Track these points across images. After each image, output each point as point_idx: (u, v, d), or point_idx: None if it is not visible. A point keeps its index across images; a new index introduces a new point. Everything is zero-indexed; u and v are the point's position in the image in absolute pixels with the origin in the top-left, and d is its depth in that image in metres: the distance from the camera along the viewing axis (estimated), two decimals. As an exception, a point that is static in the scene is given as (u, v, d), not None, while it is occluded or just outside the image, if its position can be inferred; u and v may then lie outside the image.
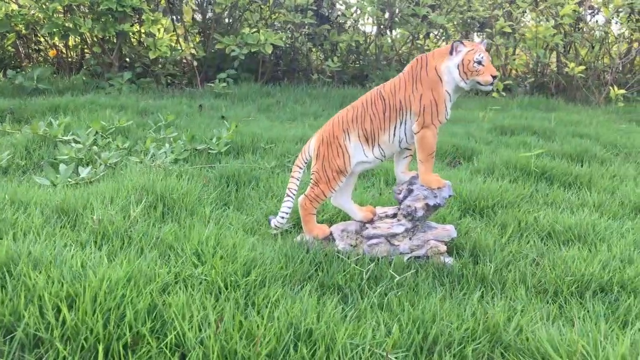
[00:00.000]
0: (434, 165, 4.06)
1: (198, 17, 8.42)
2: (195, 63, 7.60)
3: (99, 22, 6.88)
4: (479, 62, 2.32)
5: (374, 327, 1.72)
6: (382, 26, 8.77)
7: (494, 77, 2.33)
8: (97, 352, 1.41)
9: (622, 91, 7.74)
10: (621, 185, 3.62)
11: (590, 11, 8.73)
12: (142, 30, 7.65)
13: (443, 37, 8.71)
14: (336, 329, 1.61)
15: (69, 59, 8.16)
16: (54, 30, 6.95)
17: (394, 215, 2.61)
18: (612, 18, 8.62)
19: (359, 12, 8.25)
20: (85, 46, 7.86)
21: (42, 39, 8.26)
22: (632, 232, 2.78)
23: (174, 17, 7.83)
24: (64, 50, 8.14)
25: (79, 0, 6.74)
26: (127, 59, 7.77)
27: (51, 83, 6.76)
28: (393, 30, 8.94)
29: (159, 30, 8.42)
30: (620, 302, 2.05)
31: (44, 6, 6.78)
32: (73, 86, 6.85)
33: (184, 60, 8.20)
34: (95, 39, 7.37)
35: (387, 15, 8.67)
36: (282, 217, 2.57)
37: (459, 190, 3.26)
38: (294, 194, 2.58)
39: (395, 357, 1.57)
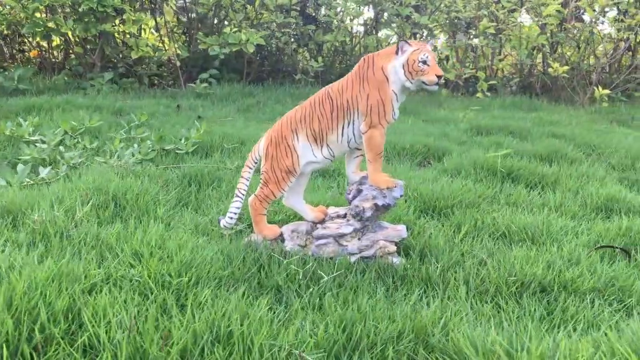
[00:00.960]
0: (403, 165, 4.07)
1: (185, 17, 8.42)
2: (178, 63, 7.59)
3: (80, 22, 6.87)
4: (424, 62, 2.31)
5: (299, 328, 1.71)
6: (368, 26, 8.77)
7: (439, 77, 2.32)
8: (2, 354, 1.40)
9: (607, 91, 7.74)
10: (586, 185, 3.61)
11: (576, 12, 8.72)
12: (126, 31, 7.64)
13: (428, 38, 8.70)
14: (256, 330, 1.60)
15: (53, 59, 8.15)
16: (36, 30, 6.96)
17: (345, 216, 2.60)
18: (598, 18, 8.62)
19: (343, 12, 8.23)
20: (69, 46, 7.85)
21: (26, 40, 8.26)
22: (586, 233, 2.78)
23: (156, 17, 7.81)
24: (48, 51, 8.13)
25: (61, 0, 6.73)
26: (114, 59, 7.76)
27: (32, 83, 6.76)
28: (380, 31, 8.93)
29: (144, 30, 8.43)
30: (558, 302, 2.04)
31: (25, 8, 6.77)
32: (54, 86, 6.85)
33: (171, 61, 8.20)
34: (77, 39, 7.37)
35: (372, 15, 8.68)
36: (231, 218, 2.56)
37: (419, 190, 3.25)
38: (243, 194, 2.57)
39: (313, 358, 1.56)
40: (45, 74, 7.54)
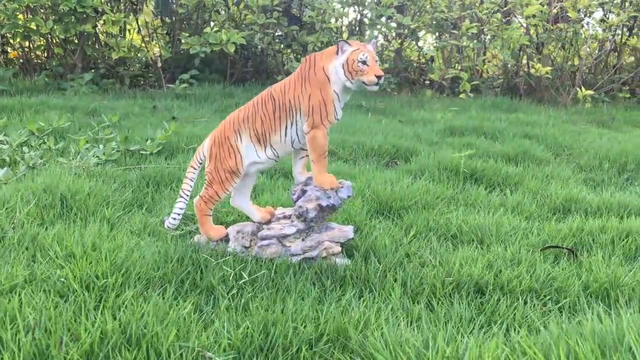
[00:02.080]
0: (369, 166, 4.06)
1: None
2: (159, 64, 7.58)
3: (60, 23, 6.86)
4: (364, 62, 2.30)
5: (217, 329, 1.70)
6: (352, 27, 8.76)
7: (379, 77, 2.31)
8: None
9: (589, 92, 7.73)
10: (548, 186, 3.60)
11: (562, 12, 8.70)
12: (107, 31, 7.63)
13: (412, 38, 8.69)
14: (166, 331, 1.59)
15: (35, 60, 8.14)
16: (16, 31, 6.97)
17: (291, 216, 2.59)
18: (582, 19, 8.61)
19: (325, 13, 8.22)
20: (50, 47, 7.84)
21: (11, 41, 8.25)
22: (537, 233, 2.77)
23: (137, 18, 7.80)
24: (30, 51, 8.12)
25: (40, 1, 6.73)
26: (99, 60, 7.73)
27: (12, 84, 6.75)
28: (365, 32, 8.91)
29: (128, 31, 8.42)
30: (491, 303, 2.03)
31: (5, 9, 6.76)
32: (34, 87, 6.84)
33: (154, 62, 8.18)
34: (57, 40, 7.36)
35: (355, 15, 8.68)
36: (174, 218, 2.55)
37: (377, 191, 3.24)
38: (187, 195, 2.57)
39: (221, 358, 1.55)
40: (25, 75, 7.53)
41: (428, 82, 9.30)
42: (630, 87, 8.95)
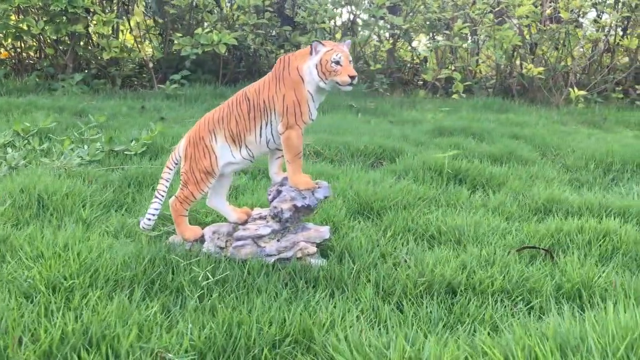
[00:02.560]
0: (354, 166, 4.05)
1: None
2: (151, 64, 7.58)
3: (52, 24, 6.86)
4: (337, 62, 2.30)
5: (180, 330, 1.69)
6: (345, 27, 8.76)
7: (352, 78, 2.31)
8: None
9: (582, 92, 7.73)
10: (532, 187, 3.59)
11: (555, 13, 8.69)
12: (98, 32, 7.62)
13: (405, 39, 8.69)
14: (128, 332, 1.59)
15: (27, 61, 8.13)
16: (7, 31, 6.97)
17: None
18: (576, 19, 8.61)
19: (316, 13, 8.21)
20: (42, 47, 7.84)
21: (2, 41, 8.24)
22: (515, 234, 2.76)
23: (129, 18, 7.80)
24: (22, 52, 8.11)
25: (32, 2, 6.73)
26: (92, 61, 7.72)
27: (2, 84, 6.75)
28: (359, 33, 8.91)
29: (122, 31, 8.42)
30: (461, 303, 2.03)
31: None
32: (25, 87, 6.84)
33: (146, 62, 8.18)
34: (49, 40, 7.36)
35: (348, 16, 8.69)
36: (149, 219, 2.55)
37: (359, 191, 3.24)
38: (162, 196, 2.56)
39: (179, 359, 1.55)
40: (17, 75, 7.53)
41: (421, 82, 9.30)
42: (624, 88, 8.94)
